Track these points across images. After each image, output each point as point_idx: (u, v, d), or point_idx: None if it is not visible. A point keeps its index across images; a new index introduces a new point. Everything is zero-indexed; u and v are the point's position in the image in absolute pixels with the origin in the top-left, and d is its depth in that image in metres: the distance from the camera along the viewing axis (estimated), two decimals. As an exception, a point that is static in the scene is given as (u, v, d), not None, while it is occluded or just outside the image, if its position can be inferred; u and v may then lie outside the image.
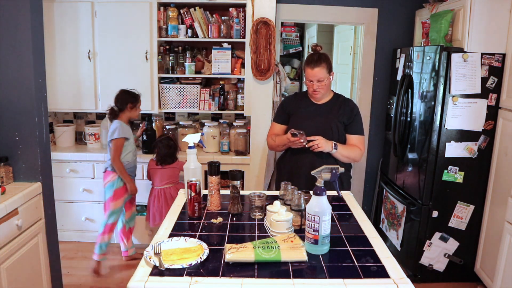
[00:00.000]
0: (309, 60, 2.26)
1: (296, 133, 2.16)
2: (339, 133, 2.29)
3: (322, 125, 2.28)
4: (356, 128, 2.34)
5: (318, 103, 2.36)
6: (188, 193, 1.72)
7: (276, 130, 2.45)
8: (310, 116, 2.33)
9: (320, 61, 2.22)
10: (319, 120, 2.30)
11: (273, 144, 2.42)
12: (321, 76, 2.22)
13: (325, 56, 2.27)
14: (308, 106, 2.36)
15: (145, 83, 3.28)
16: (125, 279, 1.56)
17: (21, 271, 2.03)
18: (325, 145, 2.18)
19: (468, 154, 2.71)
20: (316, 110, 2.34)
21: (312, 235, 1.41)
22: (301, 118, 2.34)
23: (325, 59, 2.25)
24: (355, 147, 2.31)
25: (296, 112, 2.38)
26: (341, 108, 2.32)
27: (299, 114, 2.36)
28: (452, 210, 2.79)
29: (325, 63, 2.23)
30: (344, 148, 2.27)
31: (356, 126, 2.34)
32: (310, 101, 2.37)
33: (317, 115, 2.32)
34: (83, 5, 3.16)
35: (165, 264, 1.30)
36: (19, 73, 2.08)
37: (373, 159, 3.74)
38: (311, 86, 2.27)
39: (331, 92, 2.39)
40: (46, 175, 2.26)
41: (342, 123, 2.30)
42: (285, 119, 2.43)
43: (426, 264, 2.88)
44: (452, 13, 2.67)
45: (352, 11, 3.50)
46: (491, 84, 2.62)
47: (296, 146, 2.22)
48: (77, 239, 3.45)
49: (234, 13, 3.25)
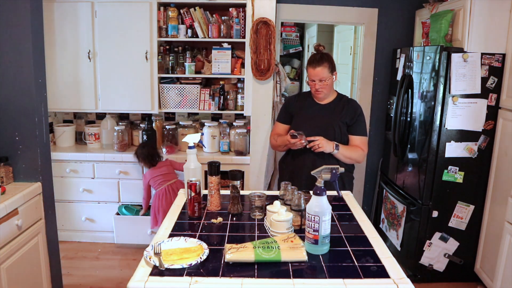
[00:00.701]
0: (311, 60, 2.25)
1: (295, 134, 2.15)
2: (341, 133, 2.29)
3: (325, 125, 2.28)
4: (359, 129, 2.32)
5: (321, 103, 2.35)
6: (188, 193, 1.72)
7: (279, 130, 2.45)
8: (313, 116, 2.33)
9: (322, 61, 2.21)
10: (322, 120, 2.30)
11: (275, 144, 2.42)
12: (323, 75, 2.22)
13: (327, 55, 2.26)
14: (311, 106, 2.36)
15: (145, 83, 3.28)
16: (125, 279, 1.56)
17: (21, 271, 2.03)
18: (326, 145, 2.18)
19: (468, 154, 2.71)
20: (319, 110, 2.34)
21: (312, 235, 1.41)
22: (303, 118, 2.34)
23: (328, 59, 2.24)
24: (357, 148, 2.30)
25: (298, 112, 2.38)
26: (344, 108, 2.31)
27: (302, 114, 2.36)
28: (452, 210, 2.79)
29: (327, 63, 2.22)
30: (346, 149, 2.26)
31: (359, 127, 2.32)
32: (313, 101, 2.37)
33: (320, 115, 2.32)
34: (83, 5, 3.16)
35: (165, 264, 1.30)
36: (19, 73, 2.08)
37: (373, 159, 3.74)
38: (313, 86, 2.27)
39: (334, 93, 2.38)
40: (46, 175, 2.26)
41: (345, 124, 2.30)
42: (288, 119, 2.42)
43: (426, 264, 2.88)
44: (452, 13, 2.67)
45: (352, 11, 3.50)
46: (491, 84, 2.62)
47: (296, 147, 2.22)
48: (77, 239, 3.45)
49: (234, 13, 3.25)
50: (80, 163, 3.30)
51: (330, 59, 2.26)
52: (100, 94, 3.32)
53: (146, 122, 3.41)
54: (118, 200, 3.36)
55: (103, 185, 3.32)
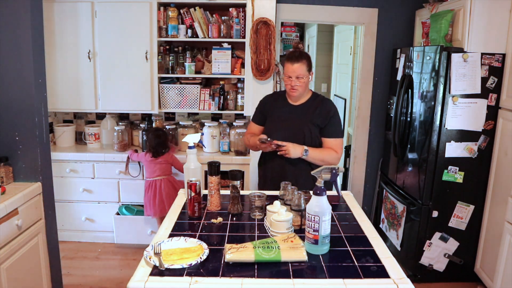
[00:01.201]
0: (290, 56, 2.20)
1: (264, 140, 2.10)
2: (312, 136, 2.21)
3: (294, 128, 2.22)
4: (332, 131, 2.23)
5: (293, 104, 2.28)
6: (188, 193, 1.72)
7: (253, 130, 2.40)
8: (284, 118, 2.26)
9: (301, 57, 2.16)
10: (292, 123, 2.23)
11: (248, 144, 2.40)
12: (300, 72, 2.16)
13: (306, 54, 2.22)
14: (283, 106, 2.29)
15: (145, 83, 3.29)
16: (125, 279, 1.56)
17: (21, 271, 2.03)
18: (293, 152, 2.11)
19: (468, 154, 2.71)
20: (290, 112, 2.27)
21: (312, 235, 1.41)
22: (275, 120, 2.29)
23: (306, 57, 2.20)
24: (330, 150, 2.21)
25: (271, 113, 2.32)
26: (316, 109, 2.23)
27: (274, 115, 2.30)
28: (452, 210, 2.79)
29: (306, 60, 2.18)
30: (316, 152, 2.18)
31: (332, 128, 2.23)
32: (286, 102, 2.31)
33: (291, 117, 2.25)
34: (83, 5, 3.16)
35: (165, 264, 1.30)
36: (19, 73, 2.08)
37: (373, 159, 3.74)
38: (289, 83, 2.20)
39: (309, 92, 2.31)
40: (46, 175, 2.26)
41: (317, 126, 2.22)
42: (262, 120, 2.37)
43: (426, 264, 2.88)
44: (452, 13, 2.67)
45: (352, 11, 3.50)
46: (491, 84, 2.62)
47: (266, 150, 2.17)
48: (77, 239, 3.45)
49: (234, 13, 3.25)
50: (80, 163, 3.30)
51: (309, 58, 2.21)
52: (100, 94, 3.32)
53: (146, 122, 3.42)
54: (118, 200, 3.36)
55: (103, 185, 3.32)
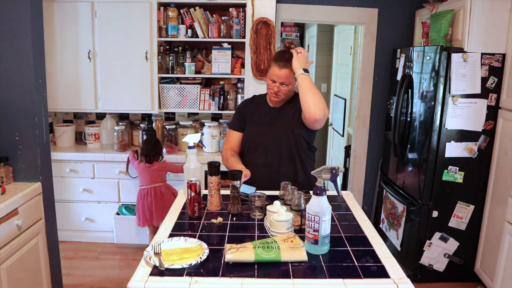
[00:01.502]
0: (279, 57, 1.97)
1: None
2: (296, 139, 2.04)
3: (275, 132, 2.05)
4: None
5: (274, 107, 2.11)
6: (188, 193, 1.72)
7: (233, 140, 2.17)
8: (264, 123, 2.09)
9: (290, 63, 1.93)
10: (273, 128, 2.06)
11: (226, 164, 2.07)
12: (286, 80, 1.96)
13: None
14: (263, 109, 2.12)
15: (145, 83, 3.29)
16: (125, 279, 1.56)
17: (21, 271, 2.03)
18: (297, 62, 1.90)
19: (468, 154, 2.71)
20: (271, 117, 2.09)
21: (312, 235, 1.41)
22: (254, 125, 2.12)
23: None
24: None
25: (251, 117, 2.14)
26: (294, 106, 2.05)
27: (253, 120, 2.13)
28: (452, 210, 2.79)
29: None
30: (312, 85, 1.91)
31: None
32: (265, 104, 2.13)
33: (271, 122, 2.08)
34: (83, 5, 3.17)
35: (165, 264, 1.30)
36: (19, 73, 2.08)
37: (373, 159, 3.74)
38: (272, 88, 2.00)
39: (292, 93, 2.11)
40: (46, 175, 2.26)
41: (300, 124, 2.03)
42: (241, 126, 2.16)
43: (426, 264, 2.88)
44: (452, 13, 2.67)
45: (352, 11, 3.50)
46: (491, 84, 2.62)
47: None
48: (77, 239, 3.45)
49: (234, 13, 3.25)
50: (80, 163, 3.30)
51: None
52: (100, 94, 3.32)
53: (146, 122, 3.42)
54: (118, 200, 3.36)
55: (103, 185, 3.32)
